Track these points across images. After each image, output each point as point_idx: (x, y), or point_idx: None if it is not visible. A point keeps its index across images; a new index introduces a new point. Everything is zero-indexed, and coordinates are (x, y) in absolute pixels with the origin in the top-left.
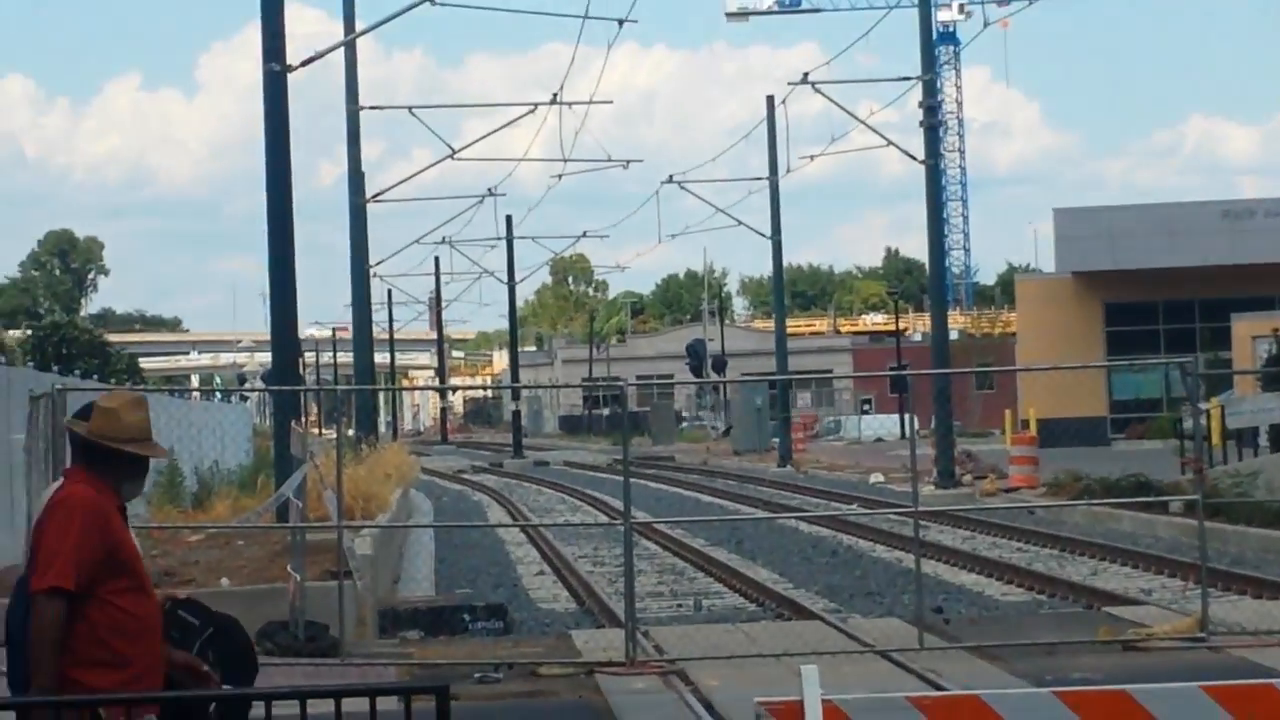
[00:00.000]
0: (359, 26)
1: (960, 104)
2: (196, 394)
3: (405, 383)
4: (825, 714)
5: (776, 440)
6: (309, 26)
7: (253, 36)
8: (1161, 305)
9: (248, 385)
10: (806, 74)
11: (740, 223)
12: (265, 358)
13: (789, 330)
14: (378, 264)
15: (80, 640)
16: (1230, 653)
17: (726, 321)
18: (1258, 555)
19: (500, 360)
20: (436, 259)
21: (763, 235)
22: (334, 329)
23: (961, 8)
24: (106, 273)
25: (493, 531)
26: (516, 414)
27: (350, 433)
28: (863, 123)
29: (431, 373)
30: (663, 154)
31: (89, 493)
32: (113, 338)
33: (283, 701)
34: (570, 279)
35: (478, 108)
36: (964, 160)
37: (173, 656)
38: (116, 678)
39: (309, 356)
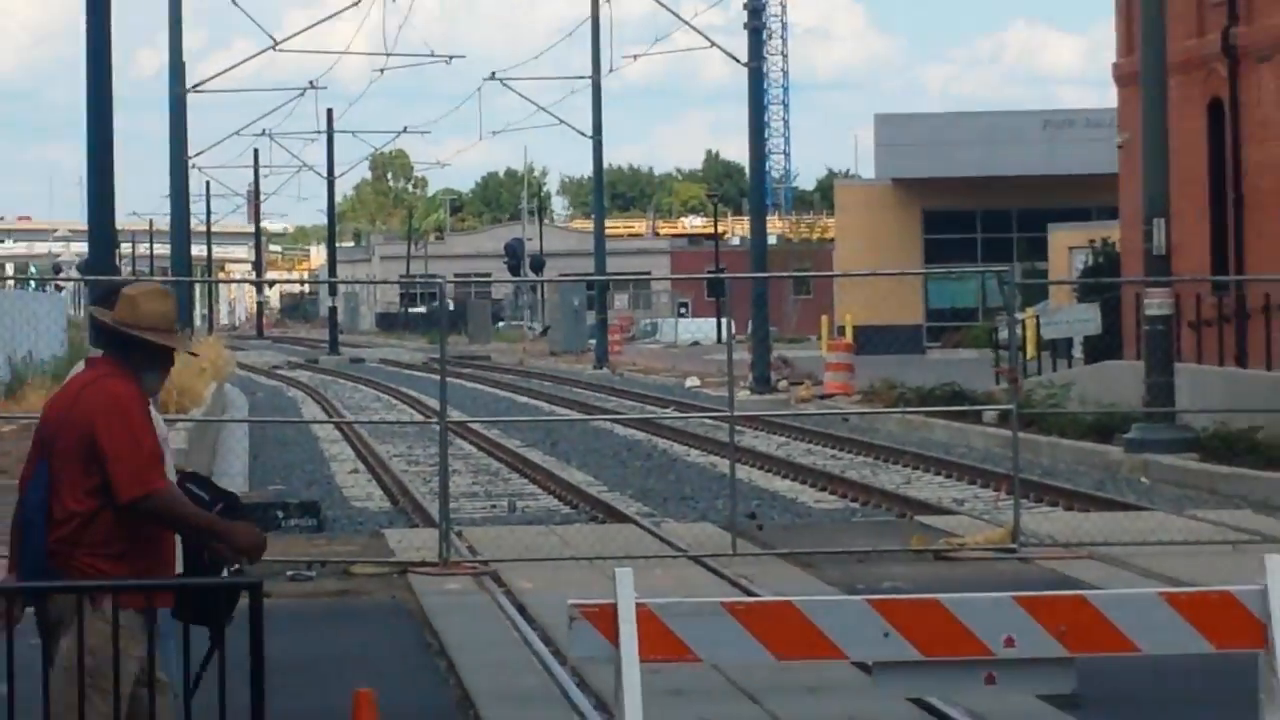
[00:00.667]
0: None
1: (784, 7)
2: (10, 283)
3: (222, 276)
4: (639, 617)
5: (593, 342)
6: None
7: None
8: (980, 214)
9: (63, 275)
10: None
11: (561, 121)
12: (81, 248)
13: (608, 231)
14: (197, 155)
15: (103, 533)
16: (1041, 564)
17: (546, 221)
18: (1070, 467)
19: (318, 255)
20: (256, 152)
21: (584, 135)
22: (151, 220)
23: None
24: None
25: (307, 428)
26: (333, 310)
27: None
28: (686, 23)
29: (248, 266)
30: (486, 50)
31: (129, 387)
32: None
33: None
34: (390, 175)
35: None
36: (787, 64)
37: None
38: (143, 565)
39: (125, 247)
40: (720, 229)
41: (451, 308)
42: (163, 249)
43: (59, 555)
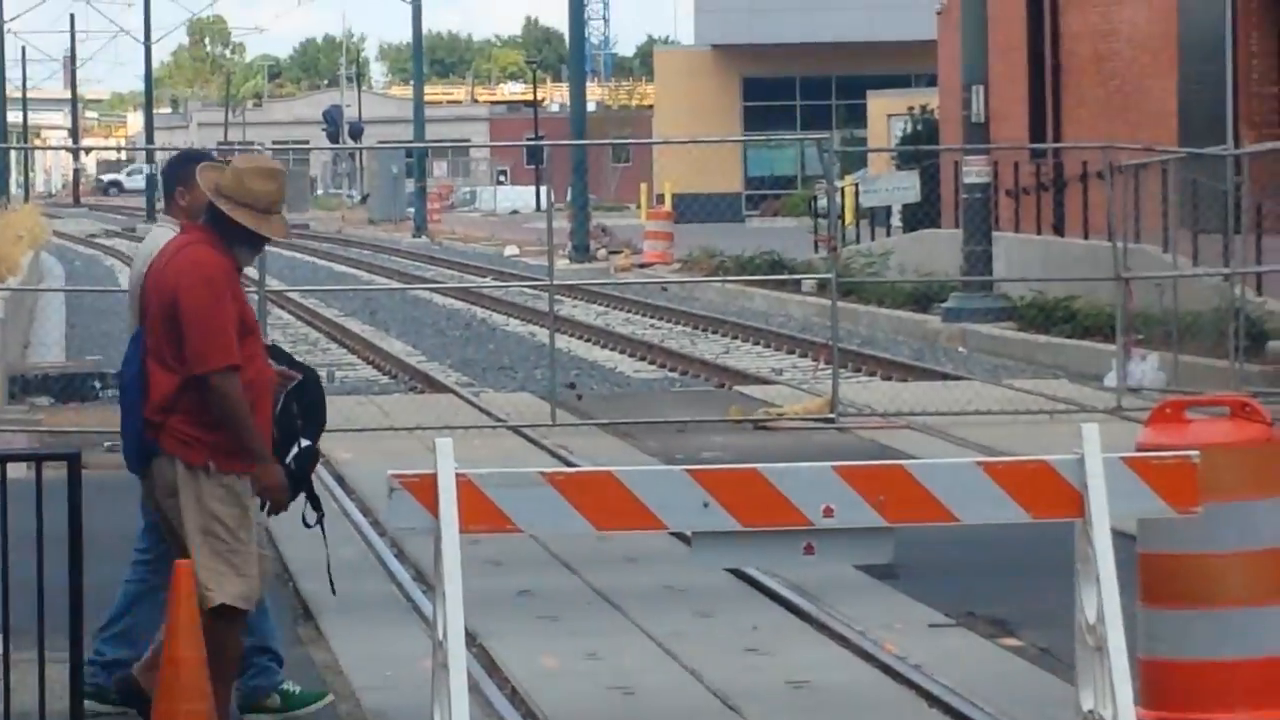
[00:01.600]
0: None
1: None
2: None
3: (37, 142)
4: (459, 488)
5: (412, 210)
6: None
7: None
8: (799, 81)
9: None
10: None
11: None
12: None
13: (427, 98)
14: (12, 20)
15: (195, 399)
16: (859, 434)
17: (364, 88)
18: (888, 337)
19: (135, 122)
20: (72, 16)
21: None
22: None
23: None
24: None
25: (124, 298)
26: (150, 178)
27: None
28: None
29: (65, 133)
30: None
31: (218, 257)
32: None
33: None
34: (208, 40)
35: None
36: None
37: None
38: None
39: None
40: (539, 96)
41: None
42: None
43: (155, 425)
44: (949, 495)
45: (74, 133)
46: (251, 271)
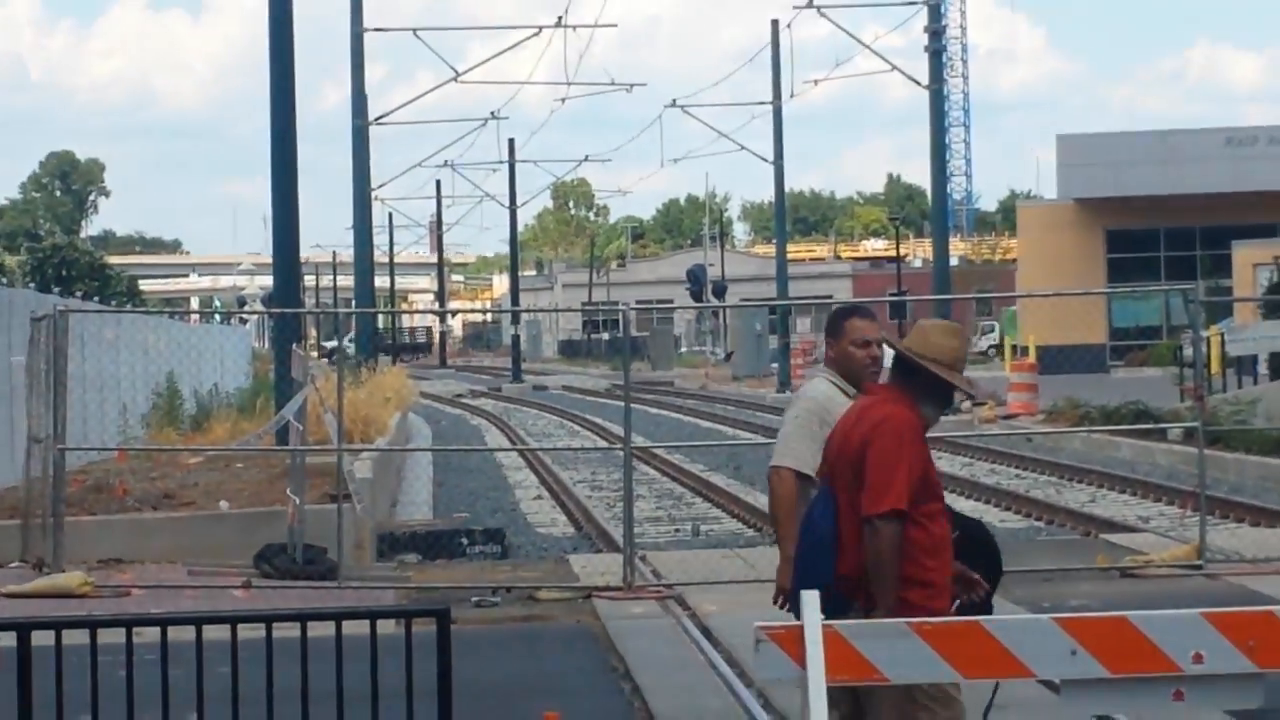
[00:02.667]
0: None
1: (964, 29)
2: (196, 316)
3: (405, 306)
4: (826, 639)
5: (776, 366)
6: None
7: None
8: (1163, 232)
9: (247, 308)
10: None
11: (743, 147)
12: (265, 280)
13: (790, 256)
14: (379, 187)
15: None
16: (1228, 580)
17: (727, 247)
18: (1256, 483)
19: (500, 284)
20: (438, 182)
21: (765, 160)
22: (334, 252)
23: None
24: (108, 194)
25: (491, 456)
26: (516, 338)
27: (350, 356)
28: (867, 47)
29: (431, 296)
30: (666, 78)
31: (907, 413)
32: (113, 260)
33: (282, 624)
34: (571, 203)
35: (482, 30)
36: (968, 85)
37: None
38: (928, 594)
39: (310, 280)
40: (902, 251)
41: (634, 334)
42: (347, 281)
43: (847, 581)
44: None
45: (440, 296)
46: (616, 428)
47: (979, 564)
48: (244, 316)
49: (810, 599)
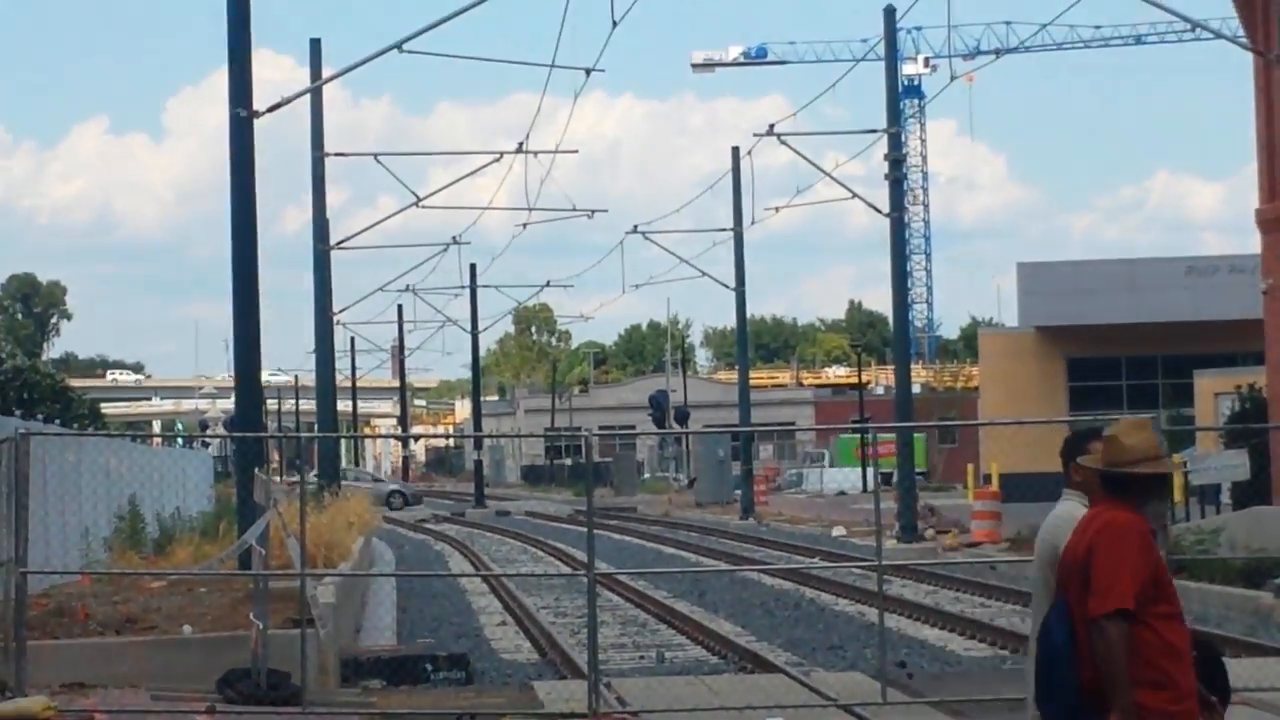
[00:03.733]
0: (326, 73)
1: (925, 157)
2: (158, 440)
3: (367, 431)
4: None
5: (739, 492)
6: (278, 73)
7: (220, 82)
8: (1124, 360)
9: (210, 431)
10: (772, 125)
11: (704, 274)
12: (227, 404)
13: (752, 382)
14: (341, 311)
15: (1130, 661)
16: None
17: (689, 373)
18: (1220, 613)
19: (462, 409)
20: (400, 307)
21: (726, 286)
22: (296, 376)
23: (927, 61)
24: (70, 317)
25: (455, 581)
26: (478, 463)
27: (313, 481)
28: (828, 175)
29: (394, 421)
30: (628, 204)
31: (1130, 515)
32: (75, 383)
33: None
34: (533, 328)
35: (443, 156)
36: (928, 214)
37: None
38: (1166, 697)
39: (271, 403)
40: (864, 378)
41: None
42: (308, 405)
43: (1090, 691)
44: None
45: (402, 421)
46: (579, 554)
47: (1215, 684)
48: (206, 440)
49: None
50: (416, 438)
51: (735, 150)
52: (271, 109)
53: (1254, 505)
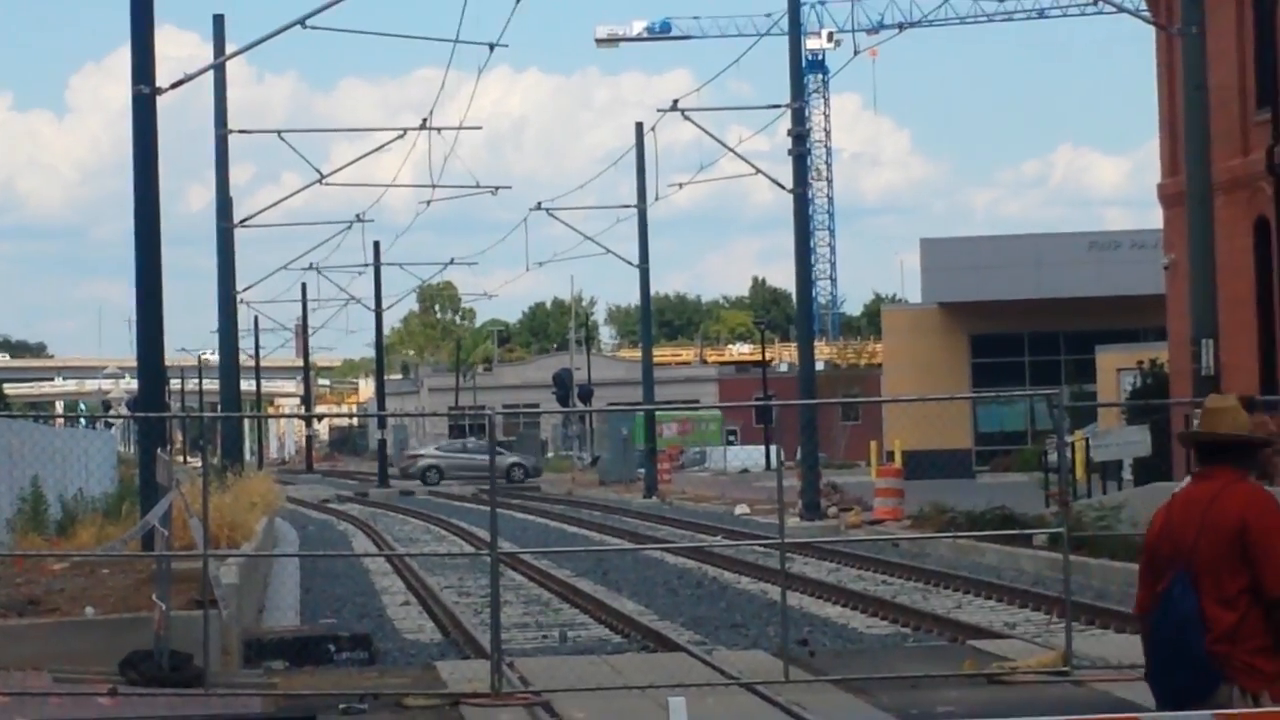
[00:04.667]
0: (229, 49)
1: (829, 132)
2: (60, 420)
3: (271, 410)
4: None
5: (642, 470)
6: (182, 49)
7: (124, 59)
8: (1027, 336)
9: (112, 412)
10: (676, 101)
11: (608, 251)
12: (131, 384)
13: (656, 360)
14: (245, 290)
15: (1258, 629)
16: (1094, 686)
17: (594, 351)
18: (1121, 589)
19: (366, 388)
20: (304, 285)
21: (630, 264)
22: (200, 356)
23: (830, 36)
24: None
25: (358, 561)
26: (382, 443)
27: (216, 460)
28: (732, 150)
29: (297, 400)
30: (532, 181)
31: (1262, 488)
32: None
33: None
34: (437, 306)
35: (348, 132)
36: (832, 189)
37: None
38: None
39: (174, 383)
40: (768, 356)
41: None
42: (212, 385)
43: (1218, 657)
44: None
45: (306, 400)
46: (483, 533)
47: None
48: (109, 421)
49: (677, 705)
50: (320, 417)
51: (639, 126)
52: (174, 85)
53: (1155, 481)
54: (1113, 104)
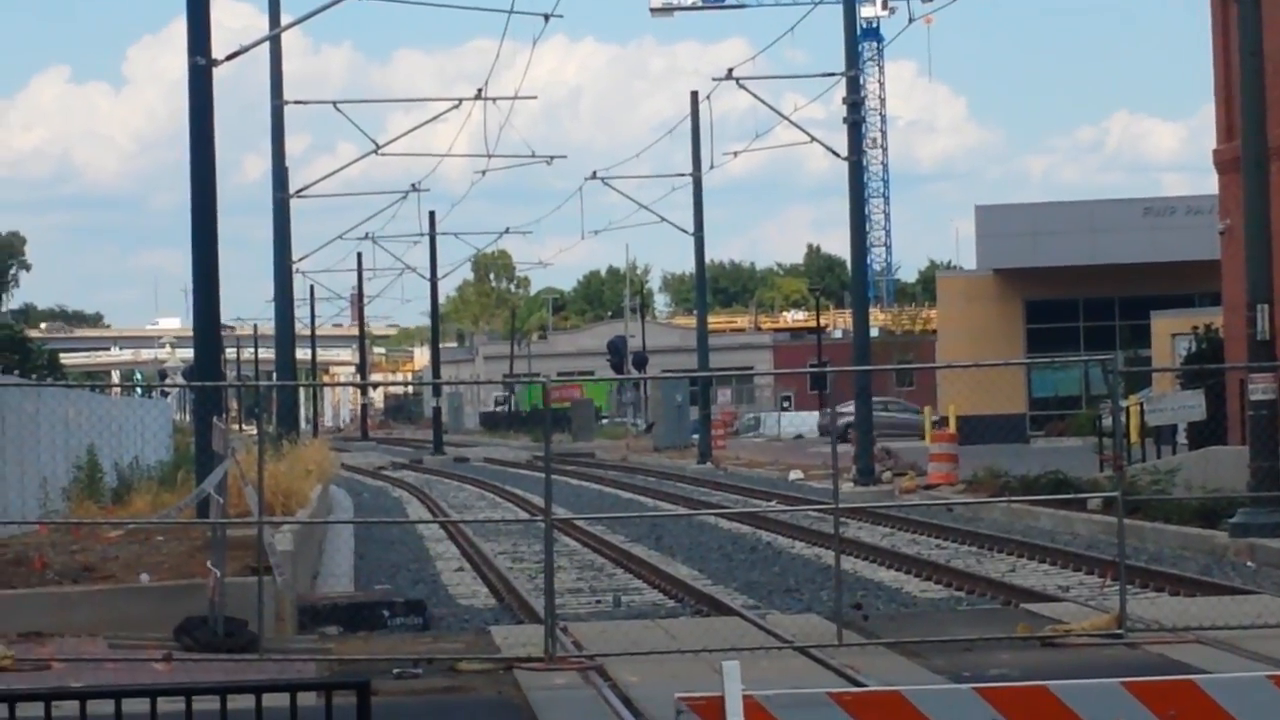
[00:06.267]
0: (285, 20)
1: (884, 100)
2: (117, 390)
3: (326, 379)
4: (746, 709)
5: (696, 437)
6: (238, 20)
7: (180, 30)
8: (1082, 302)
9: (168, 381)
10: (731, 69)
11: (663, 219)
12: (187, 353)
13: (710, 327)
14: (300, 260)
15: None
16: (1148, 649)
17: (648, 318)
18: (1175, 552)
19: (421, 356)
20: (359, 255)
21: (685, 232)
22: (255, 324)
23: (885, 3)
24: (29, 268)
25: (412, 528)
26: (437, 410)
27: (271, 428)
28: (786, 119)
29: (353, 369)
30: (588, 150)
31: None
32: (34, 333)
33: (203, 696)
34: (492, 275)
35: (403, 103)
36: (887, 157)
37: None
38: None
39: (230, 352)
40: (822, 322)
41: (555, 406)
42: (268, 353)
43: None
44: (1240, 709)
45: (361, 369)
46: (537, 500)
47: None
48: (165, 390)
49: (731, 669)
50: (375, 385)
51: (694, 95)
52: (230, 57)
53: (1210, 446)
54: (1169, 70)
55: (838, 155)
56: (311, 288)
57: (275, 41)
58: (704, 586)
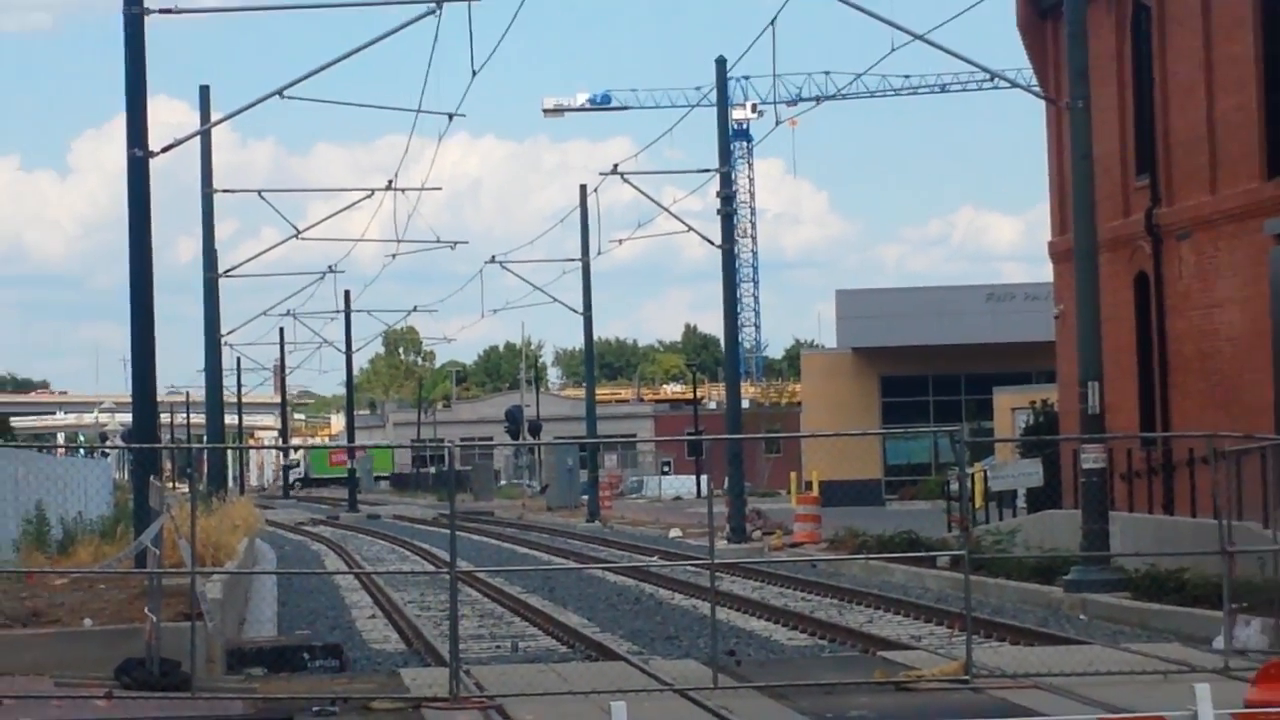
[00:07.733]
0: (215, 117)
1: (753, 194)
2: (62, 450)
3: (252, 442)
4: None
5: (586, 498)
6: (173, 116)
7: (120, 125)
8: (931, 379)
9: (109, 443)
10: (616, 165)
11: (555, 300)
12: (125, 418)
13: (598, 398)
14: (228, 333)
15: None
16: (992, 693)
17: (542, 390)
18: (1016, 606)
19: (337, 423)
20: (281, 330)
21: (575, 311)
22: (188, 392)
23: (754, 107)
24: None
25: (330, 578)
26: (351, 471)
27: (202, 487)
28: (666, 210)
29: (275, 433)
30: (488, 236)
31: None
32: None
33: None
34: (401, 349)
35: (321, 192)
36: (756, 245)
37: None
38: None
39: (165, 418)
40: (698, 395)
41: (458, 468)
42: (199, 419)
43: None
44: None
45: (283, 433)
46: (443, 554)
47: None
48: (106, 451)
49: (618, 710)
50: (296, 448)
51: (583, 188)
52: (165, 149)
53: (1046, 510)
54: (1009, 169)
55: (712, 243)
56: (239, 359)
57: (206, 136)
58: (593, 634)
